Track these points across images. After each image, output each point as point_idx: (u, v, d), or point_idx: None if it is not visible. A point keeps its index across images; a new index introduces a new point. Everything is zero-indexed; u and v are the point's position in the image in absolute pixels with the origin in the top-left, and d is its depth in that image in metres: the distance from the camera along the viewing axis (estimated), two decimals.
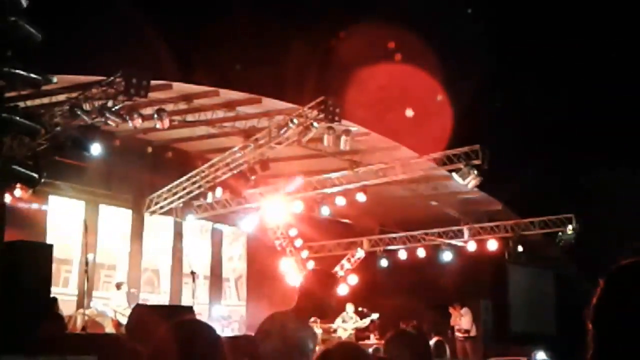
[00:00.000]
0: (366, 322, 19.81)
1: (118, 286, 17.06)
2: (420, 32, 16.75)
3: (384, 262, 22.86)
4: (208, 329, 2.74)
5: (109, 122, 14.30)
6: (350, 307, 19.93)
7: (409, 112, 15.82)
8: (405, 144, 17.46)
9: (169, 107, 15.68)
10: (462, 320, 20.30)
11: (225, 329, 19.03)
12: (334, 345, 2.69)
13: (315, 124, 15.17)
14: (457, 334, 20.28)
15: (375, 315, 19.69)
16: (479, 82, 17.94)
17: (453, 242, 22.02)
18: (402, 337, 4.92)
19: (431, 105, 17.03)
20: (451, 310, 20.50)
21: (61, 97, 14.41)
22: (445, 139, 16.51)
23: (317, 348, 2.70)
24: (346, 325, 19.66)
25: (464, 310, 20.39)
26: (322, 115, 14.90)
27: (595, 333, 2.04)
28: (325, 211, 19.07)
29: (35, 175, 12.21)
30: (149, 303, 17.83)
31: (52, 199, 17.64)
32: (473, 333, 20.38)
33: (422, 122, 17.12)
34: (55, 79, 12.17)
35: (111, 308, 16.50)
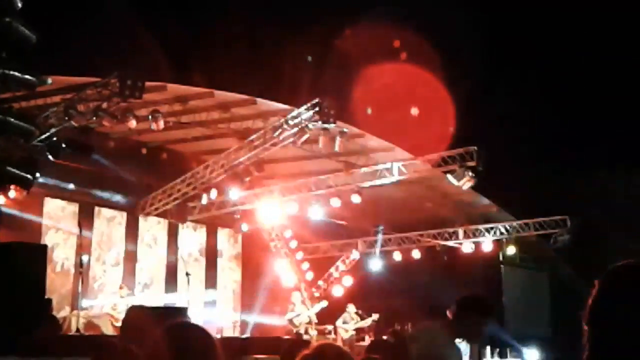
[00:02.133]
0: (367, 322, 19.74)
1: (121, 287, 17.10)
2: (416, 33, 16.77)
3: (374, 265, 22.81)
4: (202, 332, 2.72)
5: (104, 123, 14.29)
6: (351, 308, 19.91)
7: (414, 111, 15.81)
8: (400, 146, 17.48)
9: (164, 108, 15.67)
10: None
11: (219, 330, 19.03)
12: (313, 348, 2.61)
13: (310, 125, 15.16)
14: None
15: (375, 316, 19.64)
16: (474, 84, 17.96)
17: (448, 243, 22.04)
18: (379, 346, 4.97)
19: (426, 106, 17.05)
20: (449, 312, 20.44)
21: (56, 99, 14.39)
22: (440, 141, 16.51)
23: None
24: (347, 325, 19.62)
25: None
26: (316, 117, 14.90)
27: (591, 334, 2.04)
28: (319, 213, 19.07)
29: (30, 177, 12.18)
30: (143, 304, 17.81)
31: (47, 200, 17.61)
32: None
33: (417, 124, 17.14)
34: (49, 80, 12.15)
35: (108, 309, 16.50)
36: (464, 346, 5.19)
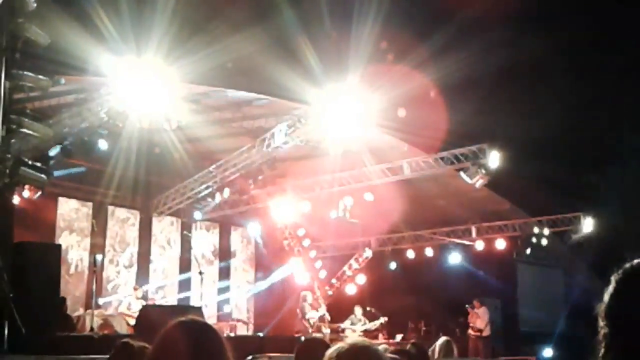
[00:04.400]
0: (376, 324, 19.67)
1: (135, 289, 17.14)
2: (426, 29, 16.71)
3: (392, 265, 22.93)
4: (210, 330, 2.71)
5: (117, 123, 14.31)
6: (358, 310, 19.81)
7: (401, 112, 15.71)
8: (413, 143, 17.42)
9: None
10: (478, 319, 20.17)
11: (233, 329, 19.05)
12: (348, 345, 2.63)
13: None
14: (470, 332, 20.16)
15: (383, 319, 19.54)
16: (486, 80, 17.89)
17: (461, 241, 21.99)
18: (402, 357, 4.94)
19: (439, 104, 16.99)
20: (469, 309, 20.29)
21: (69, 99, 14.44)
22: (452, 138, 16.45)
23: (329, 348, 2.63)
24: (355, 327, 19.55)
25: (482, 309, 20.22)
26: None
27: (608, 331, 2.03)
28: (333, 211, 19.06)
29: (44, 177, 12.23)
30: (157, 303, 17.87)
31: (61, 200, 17.69)
32: (486, 333, 20.22)
33: (430, 121, 17.08)
34: (62, 81, 12.19)
35: (122, 309, 16.57)
36: None
